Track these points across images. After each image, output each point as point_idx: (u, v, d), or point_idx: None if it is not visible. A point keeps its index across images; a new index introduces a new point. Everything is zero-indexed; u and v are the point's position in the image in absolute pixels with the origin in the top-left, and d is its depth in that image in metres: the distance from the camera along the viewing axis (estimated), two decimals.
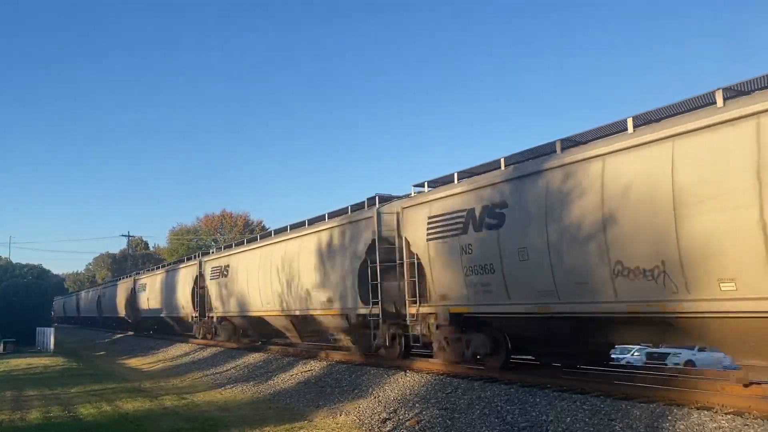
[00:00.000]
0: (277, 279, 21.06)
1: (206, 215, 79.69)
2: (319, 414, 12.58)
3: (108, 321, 51.44)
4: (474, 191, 12.70)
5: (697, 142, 8.73)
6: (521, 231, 11.38)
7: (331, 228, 18.04)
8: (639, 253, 9.41)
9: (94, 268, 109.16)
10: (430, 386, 12.56)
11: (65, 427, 12.23)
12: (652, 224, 9.19)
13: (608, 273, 9.83)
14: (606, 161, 10.02)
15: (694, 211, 8.62)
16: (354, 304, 16.63)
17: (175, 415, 13.31)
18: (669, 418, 8.23)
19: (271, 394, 15.57)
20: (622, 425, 8.52)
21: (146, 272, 41.79)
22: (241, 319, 25.68)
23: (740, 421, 7.63)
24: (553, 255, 10.71)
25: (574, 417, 9.19)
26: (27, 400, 15.95)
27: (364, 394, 13.44)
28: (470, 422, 10.19)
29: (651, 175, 9.24)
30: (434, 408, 11.25)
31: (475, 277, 12.50)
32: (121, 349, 35.64)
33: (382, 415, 11.62)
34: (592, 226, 10.06)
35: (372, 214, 16.05)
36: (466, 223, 12.72)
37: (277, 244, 21.63)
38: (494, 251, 11.95)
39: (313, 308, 18.85)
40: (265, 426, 11.57)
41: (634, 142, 9.62)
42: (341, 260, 17.32)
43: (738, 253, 8.13)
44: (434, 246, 13.66)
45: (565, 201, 10.57)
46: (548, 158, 11.30)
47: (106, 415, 13.39)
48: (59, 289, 78.40)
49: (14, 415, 13.60)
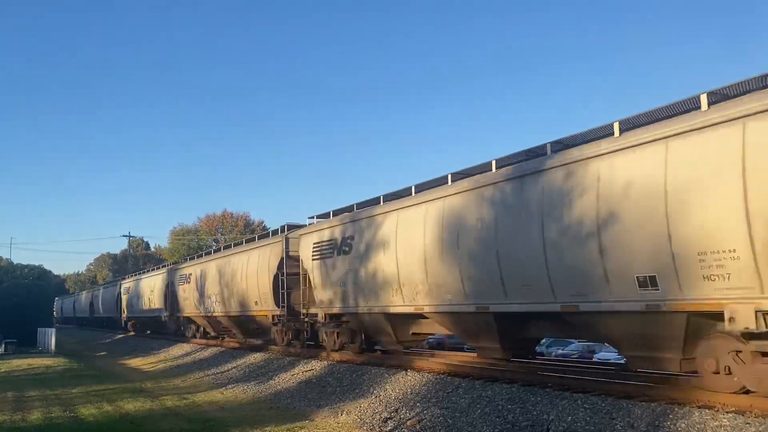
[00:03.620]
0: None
1: (207, 215, 79.74)
2: (321, 414, 12.57)
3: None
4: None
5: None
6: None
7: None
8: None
9: (94, 269, 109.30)
10: (431, 385, 12.56)
11: (66, 427, 12.25)
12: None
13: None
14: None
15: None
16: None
17: (176, 415, 13.32)
18: (670, 417, 8.22)
19: (272, 394, 15.57)
20: (624, 424, 8.51)
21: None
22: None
23: (741, 419, 7.62)
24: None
25: (575, 416, 9.18)
26: (28, 401, 15.97)
27: (365, 393, 13.44)
28: (471, 421, 10.18)
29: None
30: (435, 407, 11.25)
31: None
32: (122, 350, 35.66)
33: (384, 414, 11.62)
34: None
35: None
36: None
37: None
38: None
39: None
40: (266, 426, 11.57)
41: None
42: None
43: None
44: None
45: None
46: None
47: (107, 416, 13.41)
48: (60, 289, 78.47)
49: (15, 415, 13.61)
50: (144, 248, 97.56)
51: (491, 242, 11.95)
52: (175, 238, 79.76)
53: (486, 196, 12.33)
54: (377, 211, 15.94)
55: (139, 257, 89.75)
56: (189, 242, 75.46)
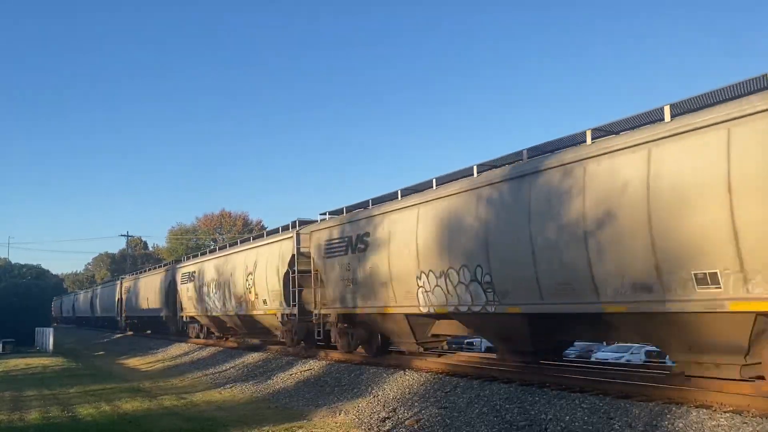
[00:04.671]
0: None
1: (205, 215, 79.90)
2: (319, 413, 12.56)
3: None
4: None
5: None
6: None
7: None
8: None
9: (93, 268, 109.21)
10: (429, 385, 12.57)
11: (64, 427, 12.22)
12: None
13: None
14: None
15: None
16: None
17: (174, 415, 13.31)
18: (668, 417, 8.23)
19: (270, 394, 15.56)
20: (621, 423, 8.51)
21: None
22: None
23: (739, 419, 7.63)
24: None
25: (573, 415, 9.19)
26: (26, 401, 15.94)
27: (363, 393, 13.44)
28: (469, 421, 10.18)
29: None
30: (433, 407, 11.26)
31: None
32: (120, 349, 35.61)
33: (382, 414, 11.62)
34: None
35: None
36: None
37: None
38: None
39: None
40: (264, 425, 11.56)
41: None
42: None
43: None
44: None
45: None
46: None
47: (105, 415, 13.38)
48: (58, 289, 78.33)
49: (13, 415, 13.58)
50: (142, 248, 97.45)
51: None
52: (174, 237, 79.79)
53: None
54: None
55: (137, 257, 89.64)
56: (187, 242, 75.43)
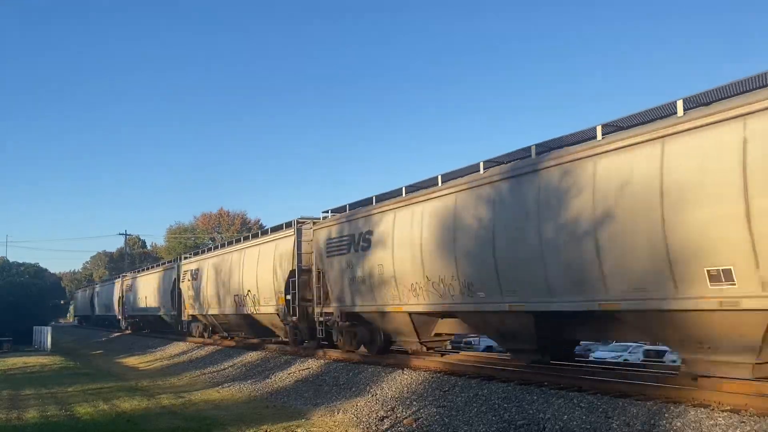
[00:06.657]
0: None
1: (203, 214, 79.79)
2: (317, 412, 12.56)
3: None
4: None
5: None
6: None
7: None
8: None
9: (91, 267, 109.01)
10: (427, 384, 12.58)
11: (62, 426, 12.20)
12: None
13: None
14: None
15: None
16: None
17: (173, 413, 13.29)
18: (666, 416, 8.24)
19: (268, 393, 15.55)
20: (619, 422, 8.52)
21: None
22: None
23: (737, 418, 7.64)
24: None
25: (571, 414, 9.20)
26: (24, 399, 15.93)
27: (361, 392, 13.45)
28: (468, 420, 10.19)
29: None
30: (432, 406, 11.26)
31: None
32: (118, 348, 35.59)
33: (380, 413, 11.61)
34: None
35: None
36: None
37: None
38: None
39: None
40: (262, 424, 11.55)
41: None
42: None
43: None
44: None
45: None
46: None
47: (103, 414, 13.36)
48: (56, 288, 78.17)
49: (11, 414, 13.56)
50: (141, 246, 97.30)
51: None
52: (172, 236, 79.69)
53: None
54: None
55: (135, 256, 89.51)
56: (186, 241, 75.36)
